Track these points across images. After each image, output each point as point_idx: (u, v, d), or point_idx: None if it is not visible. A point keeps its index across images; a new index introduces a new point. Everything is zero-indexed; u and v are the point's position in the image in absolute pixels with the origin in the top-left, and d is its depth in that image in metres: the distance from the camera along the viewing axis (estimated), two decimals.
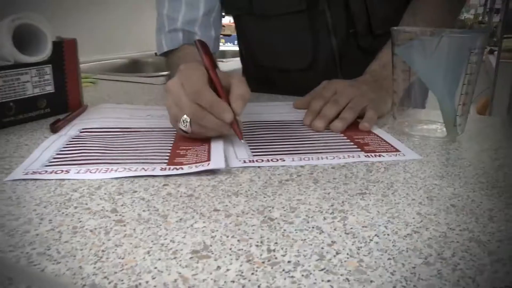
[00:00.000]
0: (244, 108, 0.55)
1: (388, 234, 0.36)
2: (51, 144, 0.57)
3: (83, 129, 0.64)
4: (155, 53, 1.80)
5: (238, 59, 1.57)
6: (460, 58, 0.58)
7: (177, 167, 0.49)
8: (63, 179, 0.47)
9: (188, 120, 0.55)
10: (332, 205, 0.41)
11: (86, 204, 0.41)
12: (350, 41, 0.90)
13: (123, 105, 0.83)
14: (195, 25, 0.87)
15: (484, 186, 0.46)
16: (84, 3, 1.61)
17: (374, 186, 0.46)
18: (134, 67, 1.62)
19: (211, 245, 0.34)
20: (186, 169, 0.49)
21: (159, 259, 0.32)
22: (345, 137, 0.62)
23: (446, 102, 0.60)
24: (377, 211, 0.40)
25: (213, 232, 0.36)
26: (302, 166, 0.51)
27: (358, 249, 0.34)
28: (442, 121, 0.62)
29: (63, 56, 0.74)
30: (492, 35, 4.15)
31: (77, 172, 0.48)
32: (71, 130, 0.64)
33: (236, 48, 2.23)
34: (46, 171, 0.48)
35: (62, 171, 0.48)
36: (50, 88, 0.72)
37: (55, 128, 0.64)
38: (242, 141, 0.56)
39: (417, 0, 0.82)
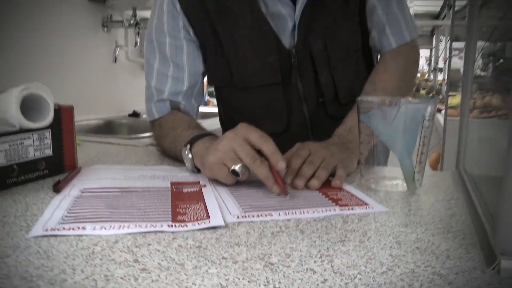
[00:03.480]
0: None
1: (368, 272, 0.44)
2: (60, 204, 0.63)
3: (84, 189, 0.70)
4: (128, 115, 1.88)
5: (208, 120, 1.67)
6: (415, 123, 0.69)
7: (182, 224, 0.56)
8: (81, 235, 0.53)
9: (245, 167, 0.70)
10: (319, 251, 0.49)
11: (109, 256, 0.47)
12: (319, 109, 1.01)
13: (115, 165, 0.89)
14: (180, 96, 0.98)
15: (441, 231, 0.56)
16: (57, 65, 1.67)
17: (352, 234, 0.55)
18: (109, 128, 1.68)
19: (227, 286, 0.41)
20: (190, 226, 0.56)
21: None
22: (321, 193, 0.71)
23: (405, 161, 0.71)
24: (356, 255, 0.49)
25: (226, 275, 0.43)
26: (288, 220, 0.60)
27: (346, 285, 0.42)
28: (402, 177, 0.72)
29: (61, 121, 0.81)
30: (438, 92, 4.47)
31: (93, 229, 0.54)
32: (72, 190, 0.70)
33: (206, 109, 2.33)
34: (64, 228, 0.54)
35: (79, 227, 0.54)
36: (48, 152, 0.78)
37: (57, 189, 0.70)
38: (286, 197, 0.69)
39: (376, 73, 0.96)
